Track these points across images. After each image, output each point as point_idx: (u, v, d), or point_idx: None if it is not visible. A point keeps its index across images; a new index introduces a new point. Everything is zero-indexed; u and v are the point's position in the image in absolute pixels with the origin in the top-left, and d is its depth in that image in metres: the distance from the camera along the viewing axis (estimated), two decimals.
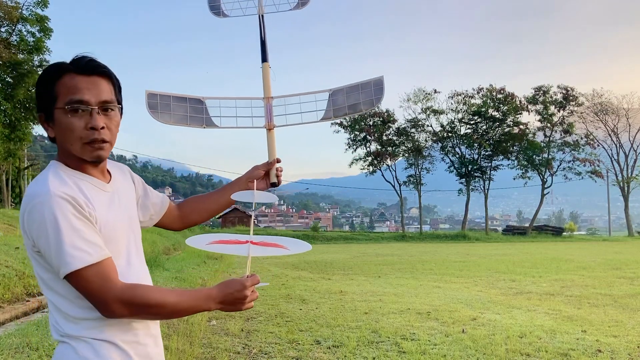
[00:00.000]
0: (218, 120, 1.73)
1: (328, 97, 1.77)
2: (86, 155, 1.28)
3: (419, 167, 43.74)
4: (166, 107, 1.69)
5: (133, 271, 1.35)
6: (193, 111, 1.74)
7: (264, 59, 1.77)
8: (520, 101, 42.26)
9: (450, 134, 43.53)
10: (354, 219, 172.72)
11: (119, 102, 1.34)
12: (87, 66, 1.27)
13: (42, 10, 23.77)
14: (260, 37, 1.84)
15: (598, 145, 43.79)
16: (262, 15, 1.89)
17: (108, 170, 1.41)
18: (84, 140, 1.27)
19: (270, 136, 1.69)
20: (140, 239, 1.47)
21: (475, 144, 42.07)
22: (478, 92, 42.94)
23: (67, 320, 1.26)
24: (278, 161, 1.71)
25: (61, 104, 1.26)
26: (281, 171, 1.73)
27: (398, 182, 43.86)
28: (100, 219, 1.27)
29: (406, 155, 44.08)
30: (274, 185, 1.71)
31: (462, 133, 43.44)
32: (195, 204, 1.70)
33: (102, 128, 1.27)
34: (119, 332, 1.29)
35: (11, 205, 34.20)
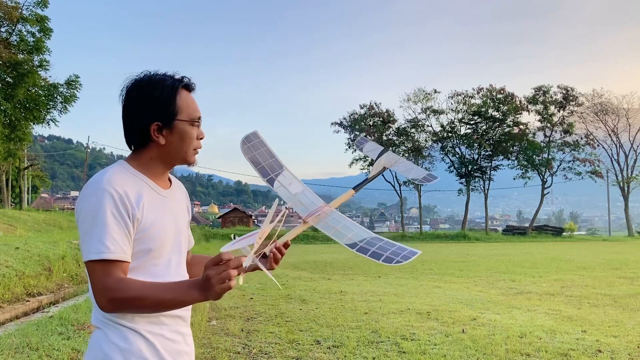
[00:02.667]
0: (277, 185, 1.80)
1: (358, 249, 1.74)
2: (191, 159, 1.49)
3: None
4: (256, 148, 1.82)
5: (169, 274, 1.44)
6: (269, 166, 1.85)
7: (355, 188, 1.89)
8: (520, 101, 42.28)
9: (450, 134, 43.54)
10: (354, 219, 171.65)
11: None
12: (191, 85, 1.50)
13: (42, 10, 23.80)
14: (367, 176, 2.08)
15: (598, 145, 43.80)
16: (385, 167, 2.05)
17: (170, 179, 1.56)
18: (195, 147, 1.49)
19: (301, 226, 1.65)
20: (186, 249, 1.57)
21: (475, 144, 42.08)
22: (478, 92, 42.96)
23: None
24: (286, 246, 1.59)
25: (185, 117, 1.45)
26: (281, 256, 1.59)
27: (398, 182, 43.88)
28: (146, 219, 1.38)
29: (406, 155, 44.07)
30: (265, 256, 1.56)
31: (462, 133, 43.45)
32: (200, 263, 1.69)
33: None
34: (147, 323, 1.37)
35: (11, 205, 34.20)
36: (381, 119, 42.99)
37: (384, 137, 43.02)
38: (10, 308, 6.71)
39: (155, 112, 1.42)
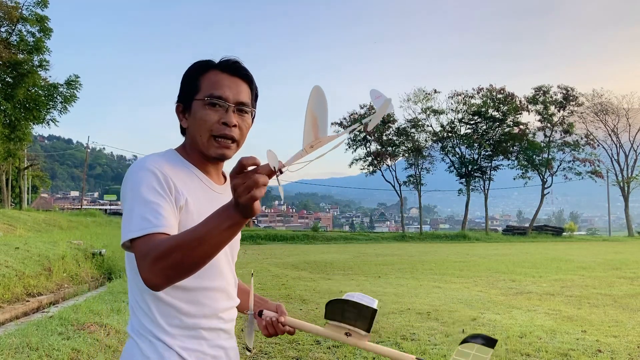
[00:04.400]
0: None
1: None
2: (211, 149, 1.29)
3: (419, 167, 43.72)
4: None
5: (213, 275, 1.31)
6: None
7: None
8: (520, 101, 42.27)
9: (450, 134, 43.51)
10: (354, 219, 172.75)
11: (254, 108, 1.38)
12: (232, 67, 1.32)
13: (42, 10, 23.80)
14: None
15: (598, 145, 43.77)
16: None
17: (225, 176, 1.42)
18: (214, 132, 1.28)
19: (324, 330, 1.48)
20: (236, 252, 1.45)
21: (475, 144, 42.06)
22: (478, 92, 42.94)
23: (137, 316, 1.27)
24: (290, 332, 1.48)
25: (201, 96, 1.29)
26: (279, 333, 1.49)
27: (398, 182, 43.85)
28: (190, 211, 1.24)
29: (406, 155, 44.06)
30: (260, 314, 1.48)
31: (462, 133, 43.42)
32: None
33: (234, 126, 1.29)
34: (183, 337, 1.25)
35: (11, 205, 34.20)
36: (381, 119, 42.95)
37: (384, 137, 43.02)
38: (10, 308, 6.72)
39: (180, 93, 1.34)
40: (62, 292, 8.32)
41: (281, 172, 0.97)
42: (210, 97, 1.27)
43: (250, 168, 0.96)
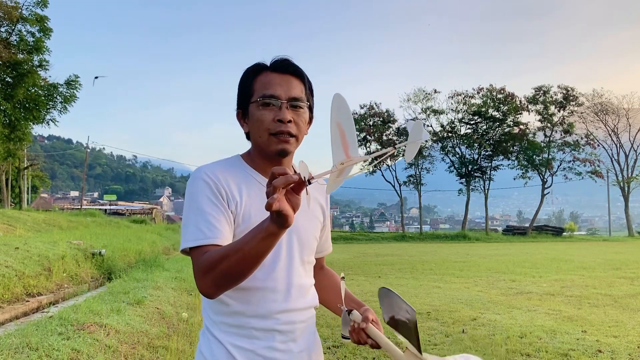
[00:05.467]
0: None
1: None
2: (272, 146, 1.33)
3: (419, 167, 43.74)
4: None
5: (272, 279, 1.32)
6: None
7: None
8: (520, 101, 42.27)
9: (450, 134, 43.53)
10: (354, 219, 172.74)
11: (310, 102, 1.40)
12: (281, 65, 1.36)
13: (42, 10, 23.80)
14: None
15: (598, 145, 43.77)
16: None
17: None
18: (271, 131, 1.32)
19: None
20: (307, 252, 1.41)
21: (476, 144, 42.07)
22: (478, 92, 42.95)
23: (203, 314, 1.37)
24: (373, 346, 1.42)
25: (255, 98, 1.34)
26: (360, 341, 1.46)
27: (398, 182, 43.89)
28: (246, 214, 1.30)
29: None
30: (349, 312, 1.44)
31: (462, 133, 43.44)
32: (327, 286, 1.64)
33: (290, 122, 1.32)
34: (235, 335, 1.30)
35: (11, 205, 34.19)
36: (381, 119, 42.98)
37: (384, 137, 43.02)
38: (10, 308, 6.72)
39: (237, 99, 1.41)
40: (62, 292, 8.32)
41: (310, 183, 0.99)
42: (263, 98, 1.32)
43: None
